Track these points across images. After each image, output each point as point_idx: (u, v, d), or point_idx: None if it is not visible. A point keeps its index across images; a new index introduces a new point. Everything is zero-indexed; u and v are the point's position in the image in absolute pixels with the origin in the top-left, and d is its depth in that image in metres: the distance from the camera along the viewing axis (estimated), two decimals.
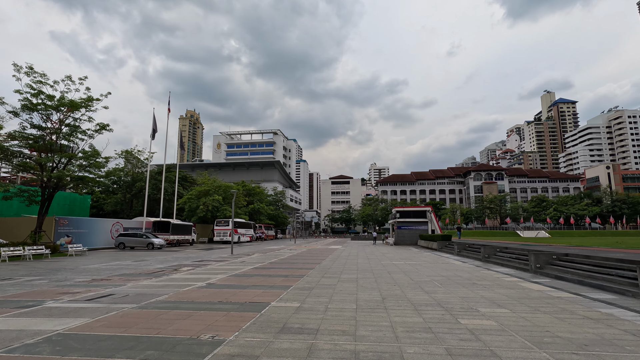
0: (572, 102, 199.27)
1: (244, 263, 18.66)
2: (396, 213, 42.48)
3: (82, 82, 28.20)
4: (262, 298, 8.69)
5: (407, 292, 9.56)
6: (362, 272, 14.28)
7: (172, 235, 39.82)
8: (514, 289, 10.27)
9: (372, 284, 11.17)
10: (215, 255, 24.47)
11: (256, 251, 30.24)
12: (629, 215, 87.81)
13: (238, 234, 51.30)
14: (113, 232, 36.34)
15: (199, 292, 9.64)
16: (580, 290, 9.97)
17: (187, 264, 18.39)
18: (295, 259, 21.58)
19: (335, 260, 19.95)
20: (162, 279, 12.46)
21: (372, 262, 18.88)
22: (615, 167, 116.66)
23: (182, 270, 15.37)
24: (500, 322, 6.47)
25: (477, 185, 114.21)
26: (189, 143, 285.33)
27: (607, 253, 13.88)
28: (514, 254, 17.38)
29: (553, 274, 12.55)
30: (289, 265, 17.56)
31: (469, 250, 23.35)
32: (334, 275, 13.20)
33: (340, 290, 9.94)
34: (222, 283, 11.30)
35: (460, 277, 12.96)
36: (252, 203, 71.40)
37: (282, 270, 15.19)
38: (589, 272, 11.34)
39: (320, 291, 9.73)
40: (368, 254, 26.21)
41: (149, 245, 33.78)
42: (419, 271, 14.83)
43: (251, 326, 6.11)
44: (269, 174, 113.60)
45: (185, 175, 64.97)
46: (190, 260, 20.75)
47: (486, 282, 11.52)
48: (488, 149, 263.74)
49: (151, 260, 20.45)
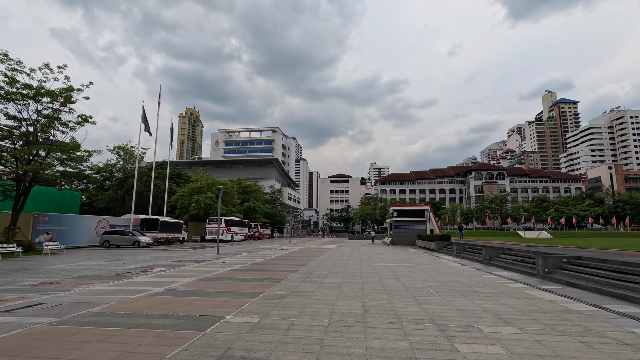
0: (573, 102, 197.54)
1: (225, 264, 17.17)
2: (394, 212, 40.95)
3: (62, 70, 26.66)
4: (218, 310, 7.18)
5: (396, 303, 8.05)
6: (350, 276, 12.77)
7: (161, 234, 38.33)
8: (521, 298, 8.76)
9: (357, 291, 9.65)
10: (199, 255, 22.98)
11: (245, 250, 28.75)
12: (632, 216, 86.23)
13: (231, 232, 49.81)
14: (98, 230, 34.88)
15: (149, 300, 8.13)
16: (599, 300, 8.46)
17: (163, 264, 16.89)
18: (282, 259, 20.07)
19: (324, 262, 18.44)
20: (120, 282, 10.96)
21: (363, 264, 17.37)
22: (617, 167, 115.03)
23: (151, 271, 13.87)
24: (511, 349, 4.95)
25: (478, 185, 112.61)
26: (188, 141, 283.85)
27: (623, 256, 12.37)
28: (519, 256, 15.86)
29: (564, 280, 11.04)
30: (271, 267, 16.06)
31: (469, 252, 21.83)
32: (316, 280, 11.69)
33: (317, 299, 8.43)
34: (183, 289, 9.79)
35: (459, 282, 11.45)
36: (247, 201, 69.91)
37: (261, 273, 13.69)
38: (608, 278, 9.82)
39: (292, 300, 8.22)
40: (362, 254, 24.70)
41: (134, 243, 32.32)
42: (413, 275, 13.32)
43: (179, 354, 4.60)
44: (267, 172, 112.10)
45: (180, 172, 63.48)
46: (169, 260, 19.26)
47: (489, 290, 10.01)
48: (489, 148, 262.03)
49: (127, 260, 18.96)
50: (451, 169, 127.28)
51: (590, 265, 11.16)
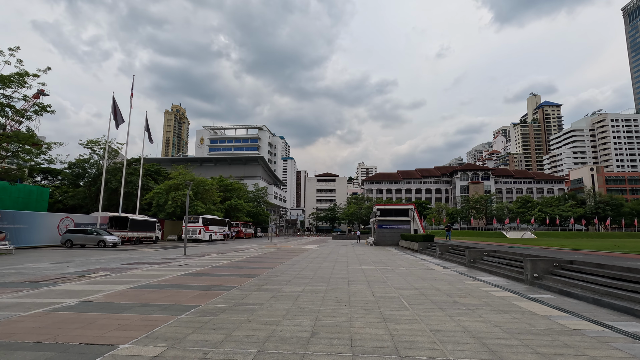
0: (556, 105, 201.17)
1: (183, 267, 15.34)
2: (377, 211, 39.60)
3: (13, 53, 24.26)
4: (120, 334, 5.46)
5: (356, 321, 6.47)
6: (315, 282, 11.16)
7: (131, 232, 35.95)
8: (509, 312, 7.31)
9: (315, 303, 8.04)
10: (163, 256, 21.03)
11: (217, 251, 26.87)
12: (613, 217, 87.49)
13: (210, 231, 47.69)
14: (61, 228, 32.40)
15: (40, 319, 6.33)
16: (601, 315, 7.09)
17: (112, 267, 14.96)
18: (251, 261, 18.34)
19: (294, 264, 16.78)
20: (34, 292, 9.07)
21: (337, 267, 15.79)
22: (598, 169, 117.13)
23: (90, 277, 11.98)
24: None
25: (464, 185, 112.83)
26: (174, 138, 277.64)
27: (621, 260, 11.13)
28: (505, 258, 14.56)
29: (556, 287, 9.69)
30: (233, 270, 14.32)
31: (452, 253, 20.54)
32: (274, 288, 10.03)
33: (260, 315, 6.78)
34: (103, 301, 7.99)
35: (438, 290, 9.98)
36: (229, 199, 67.65)
37: (215, 278, 11.95)
38: (607, 287, 8.49)
39: (227, 318, 6.55)
40: (340, 255, 23.15)
41: (100, 243, 30.07)
42: (387, 281, 11.80)
43: None
44: (252, 170, 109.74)
45: (159, 169, 60.89)
46: (124, 262, 17.30)
47: (471, 300, 8.55)
48: (475, 150, 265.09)
49: (76, 262, 16.92)
50: (437, 169, 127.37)
51: (585, 270, 9.84)
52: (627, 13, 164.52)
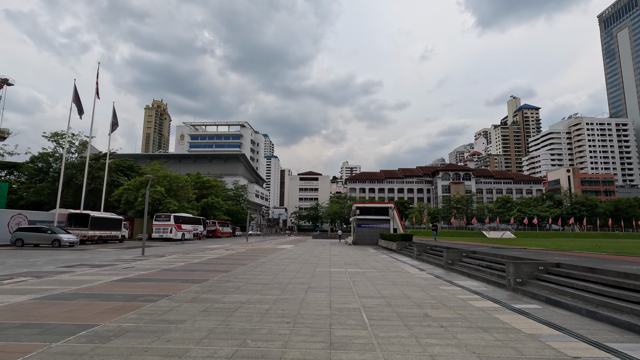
0: (535, 109, 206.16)
1: (128, 269, 13.42)
2: (356, 209, 38.28)
3: None
4: None
5: (292, 347, 4.89)
6: (268, 290, 9.52)
7: (92, 231, 33.37)
8: (489, 330, 5.91)
9: (253, 319, 6.41)
10: (116, 257, 18.94)
11: (182, 251, 24.87)
12: (588, 217, 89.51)
13: (182, 230, 45.31)
14: (12, 226, 29.65)
15: None
16: (600, 333, 5.77)
17: (45, 270, 12.89)
18: (209, 263, 16.53)
19: (256, 267, 15.09)
20: None
21: (302, 271, 14.20)
22: (574, 170, 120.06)
23: (0, 282, 9.98)
24: None
25: (445, 185, 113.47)
26: (155, 134, 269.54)
27: (610, 263, 9.99)
28: (485, 260, 13.33)
29: (542, 295, 8.41)
30: (179, 275, 12.52)
31: (430, 254, 19.32)
32: (213, 297, 8.34)
33: (167, 340, 5.10)
34: None
35: (409, 299, 8.53)
36: (206, 197, 65.10)
37: (151, 285, 10.15)
38: (602, 295, 7.24)
39: (120, 345, 4.85)
40: (312, 256, 21.60)
41: (54, 242, 27.63)
42: (354, 286, 10.31)
43: None
44: (233, 168, 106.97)
45: (132, 164, 57.80)
46: (66, 264, 15.22)
47: (445, 313, 7.13)
48: (457, 151, 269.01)
49: (5, 265, 14.72)
50: (420, 169, 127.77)
51: (575, 275, 8.60)
52: (602, 20, 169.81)
